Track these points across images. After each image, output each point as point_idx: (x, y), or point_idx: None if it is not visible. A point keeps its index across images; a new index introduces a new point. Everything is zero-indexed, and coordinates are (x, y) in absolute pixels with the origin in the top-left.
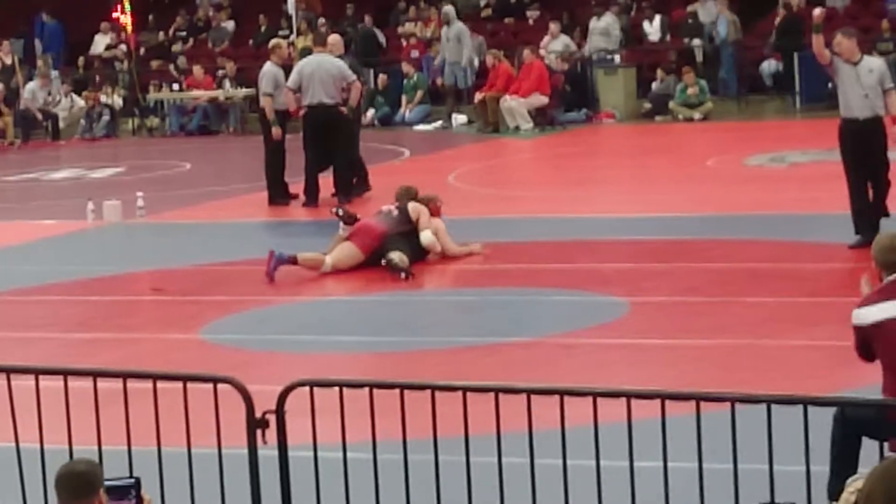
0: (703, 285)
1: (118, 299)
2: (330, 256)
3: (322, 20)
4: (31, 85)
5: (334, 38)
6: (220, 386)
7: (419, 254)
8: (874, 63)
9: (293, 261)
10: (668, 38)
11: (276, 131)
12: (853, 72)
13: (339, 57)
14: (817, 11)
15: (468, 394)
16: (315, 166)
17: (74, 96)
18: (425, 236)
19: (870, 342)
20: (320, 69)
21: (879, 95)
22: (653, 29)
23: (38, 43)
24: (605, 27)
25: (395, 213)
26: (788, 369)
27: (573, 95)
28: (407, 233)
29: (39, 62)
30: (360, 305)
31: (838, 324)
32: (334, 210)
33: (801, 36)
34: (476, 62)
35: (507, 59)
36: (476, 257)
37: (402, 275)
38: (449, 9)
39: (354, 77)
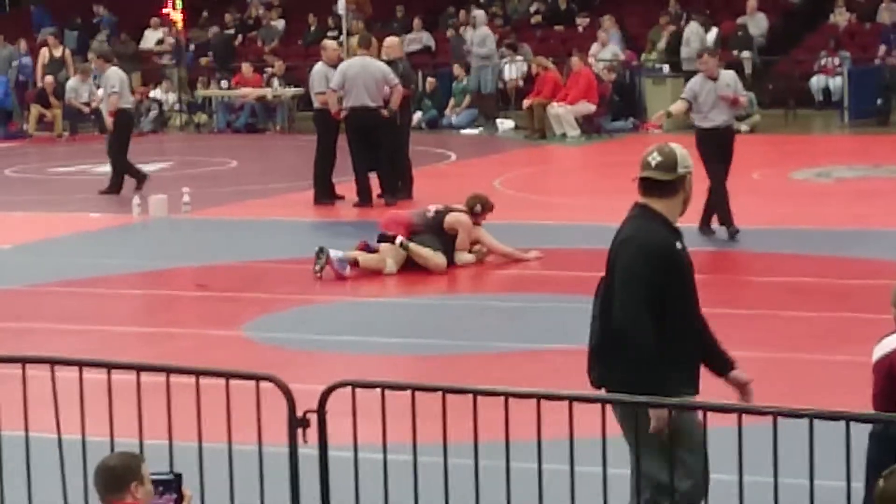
0: (744, 298)
1: (162, 294)
2: (391, 260)
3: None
4: (71, 82)
5: (392, 41)
6: (262, 384)
7: (446, 247)
8: (729, 77)
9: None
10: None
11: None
12: (713, 86)
13: (396, 60)
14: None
15: (510, 399)
16: (363, 167)
17: None
18: (460, 258)
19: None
20: (364, 72)
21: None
22: (708, 40)
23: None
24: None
25: (431, 214)
26: (828, 384)
27: (621, 104)
28: (435, 232)
29: (91, 55)
30: (403, 308)
31: None
32: (399, 242)
33: None
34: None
35: (555, 67)
36: (523, 263)
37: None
38: (478, 13)
39: (397, 80)
